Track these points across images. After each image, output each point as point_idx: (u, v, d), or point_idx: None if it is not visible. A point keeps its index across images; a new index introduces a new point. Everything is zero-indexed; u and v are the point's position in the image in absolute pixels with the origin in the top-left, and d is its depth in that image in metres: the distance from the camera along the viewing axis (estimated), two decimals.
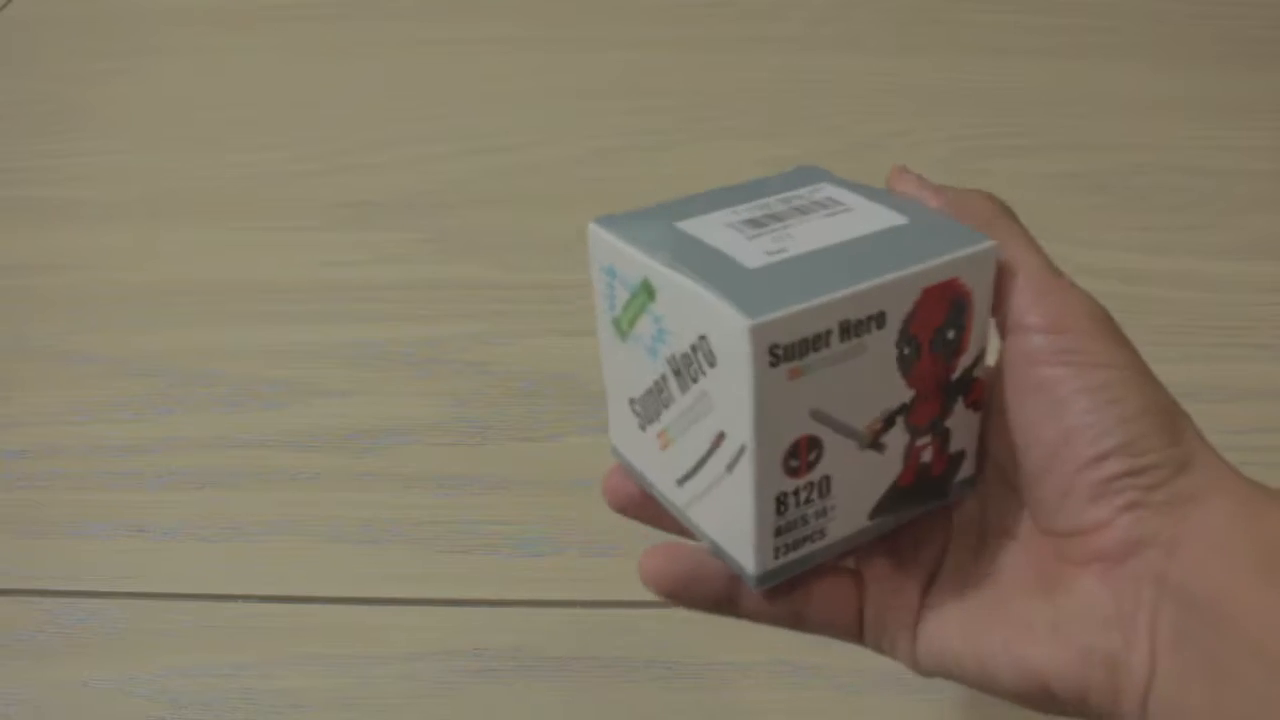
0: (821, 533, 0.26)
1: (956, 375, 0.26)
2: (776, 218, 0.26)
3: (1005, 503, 0.27)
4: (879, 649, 0.28)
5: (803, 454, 0.24)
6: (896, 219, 0.26)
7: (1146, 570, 0.23)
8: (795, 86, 0.76)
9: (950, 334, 0.25)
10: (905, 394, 0.25)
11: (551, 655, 0.44)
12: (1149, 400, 0.24)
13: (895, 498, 0.27)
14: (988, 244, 0.24)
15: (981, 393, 0.26)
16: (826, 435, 0.24)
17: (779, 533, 0.25)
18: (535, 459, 0.51)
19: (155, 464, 0.52)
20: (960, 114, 0.72)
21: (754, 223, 0.26)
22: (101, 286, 0.61)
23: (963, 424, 0.26)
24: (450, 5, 0.87)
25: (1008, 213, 0.27)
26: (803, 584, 0.28)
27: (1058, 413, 0.24)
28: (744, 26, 0.84)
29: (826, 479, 0.25)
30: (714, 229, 0.25)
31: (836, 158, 0.69)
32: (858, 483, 0.26)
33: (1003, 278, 0.25)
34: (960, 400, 0.26)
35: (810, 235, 0.25)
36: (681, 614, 0.45)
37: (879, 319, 0.23)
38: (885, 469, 0.26)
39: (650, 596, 0.46)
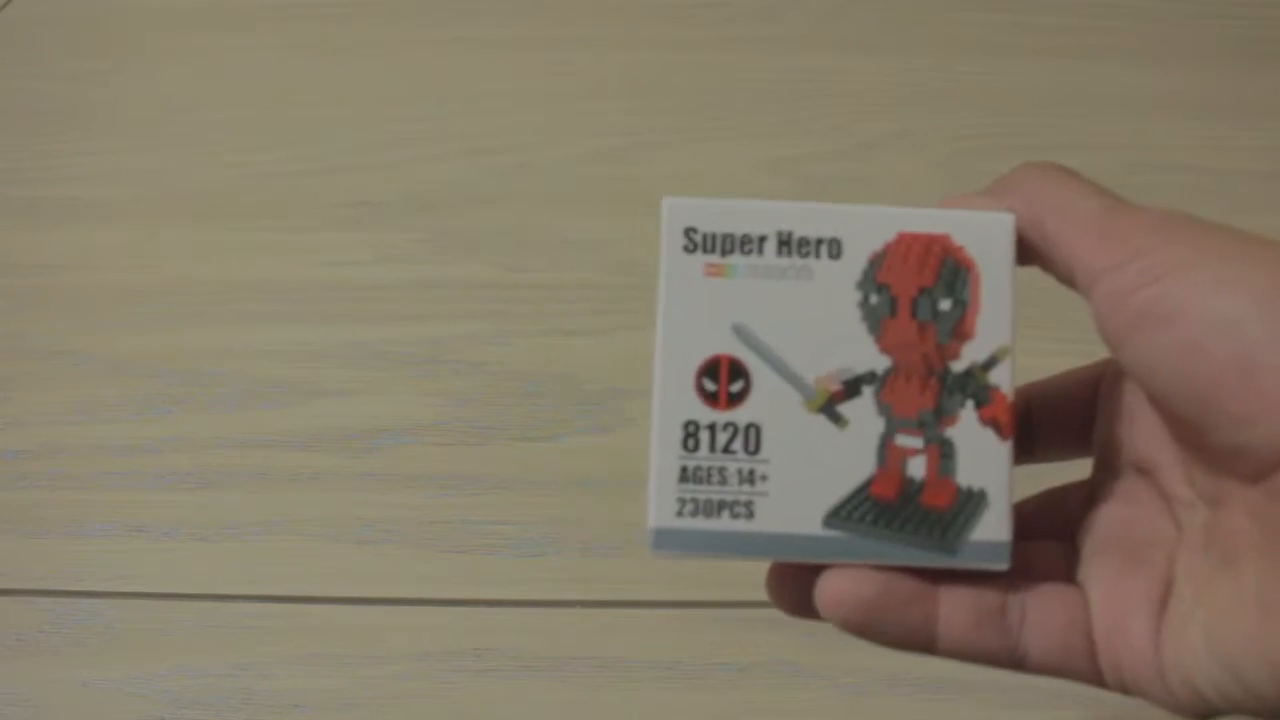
0: (749, 509, 0.22)
1: (961, 366, 0.22)
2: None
3: (1202, 471, 0.22)
4: (1122, 688, 0.23)
5: (722, 378, 0.21)
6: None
7: None
8: (795, 86, 0.76)
9: (945, 304, 0.21)
10: (877, 360, 0.22)
11: (551, 655, 0.44)
12: (1273, 264, 0.19)
13: (865, 509, 0.22)
14: (1008, 216, 0.22)
15: (1008, 415, 0.22)
16: (757, 368, 0.21)
17: (685, 477, 0.22)
18: (535, 459, 0.51)
19: (155, 464, 0.52)
20: (960, 114, 0.72)
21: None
22: (101, 286, 0.61)
23: (980, 449, 0.22)
24: (450, 5, 0.87)
25: (1061, 171, 0.23)
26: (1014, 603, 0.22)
27: (1180, 328, 0.19)
28: (744, 26, 0.84)
29: (756, 429, 0.22)
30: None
31: (836, 158, 0.69)
32: (807, 461, 0.22)
33: (1060, 238, 0.22)
34: (972, 408, 0.22)
35: None
36: (681, 614, 0.45)
37: (832, 246, 0.21)
38: (850, 460, 0.22)
39: (650, 596, 0.46)
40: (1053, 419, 0.27)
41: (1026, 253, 0.23)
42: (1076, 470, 0.27)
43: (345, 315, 0.59)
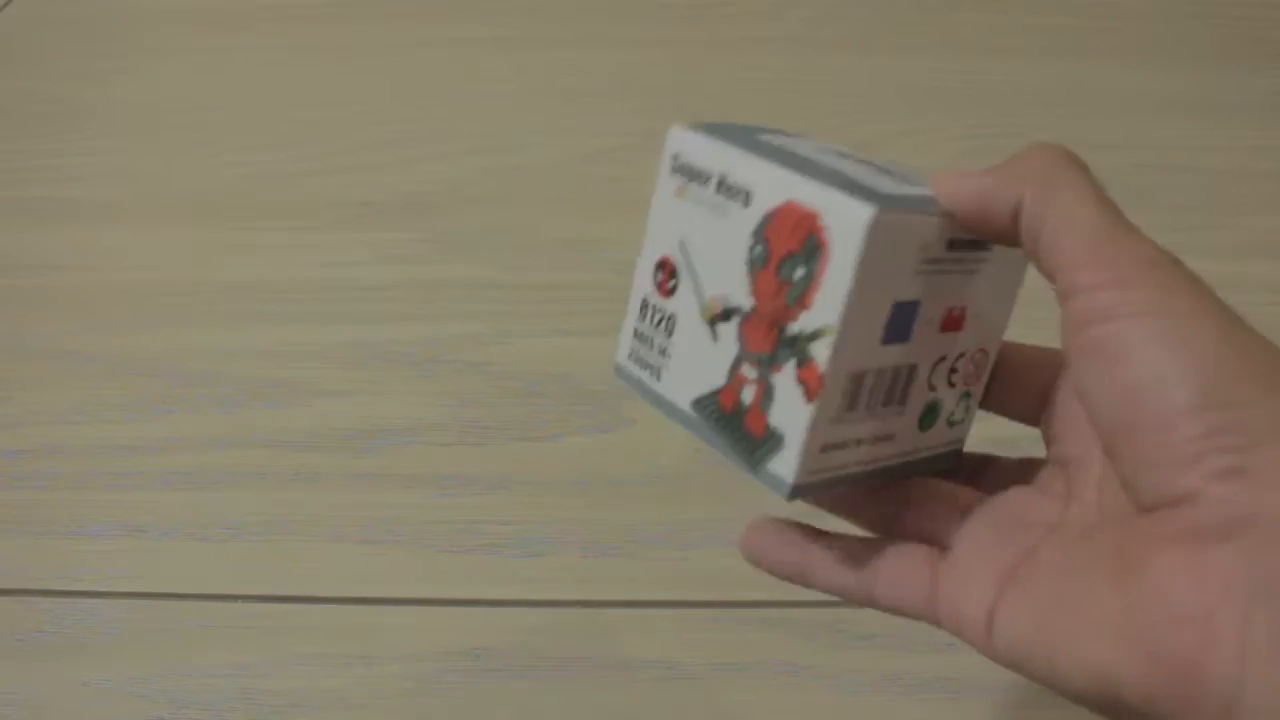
0: (658, 374, 0.28)
1: (794, 329, 0.24)
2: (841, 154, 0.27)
3: (1110, 484, 0.25)
4: (954, 630, 0.26)
5: (665, 273, 0.27)
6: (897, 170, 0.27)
7: (1240, 557, 0.19)
8: (795, 86, 0.76)
9: (799, 271, 0.24)
10: (746, 298, 0.25)
11: (551, 655, 0.44)
12: (1233, 341, 0.20)
13: (713, 409, 0.26)
14: (869, 211, 0.23)
15: (816, 383, 0.24)
16: (683, 274, 0.26)
17: (636, 335, 0.28)
18: (535, 459, 0.51)
19: (155, 464, 0.52)
20: (960, 114, 0.72)
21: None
22: (101, 286, 0.61)
23: (790, 401, 0.25)
24: (450, 5, 0.87)
25: (1072, 166, 0.24)
26: (874, 556, 0.27)
27: (1118, 369, 0.21)
28: (744, 26, 0.84)
29: (673, 319, 0.27)
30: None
31: None
32: (691, 356, 0.27)
33: (1055, 242, 0.23)
34: (793, 366, 0.25)
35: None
36: (681, 614, 0.45)
37: (745, 197, 0.25)
38: (713, 368, 0.26)
39: (650, 596, 0.46)
40: (1009, 381, 0.29)
41: (1024, 243, 0.25)
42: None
43: (345, 315, 0.59)
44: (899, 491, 0.29)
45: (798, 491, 0.25)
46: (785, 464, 0.25)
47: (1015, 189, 0.24)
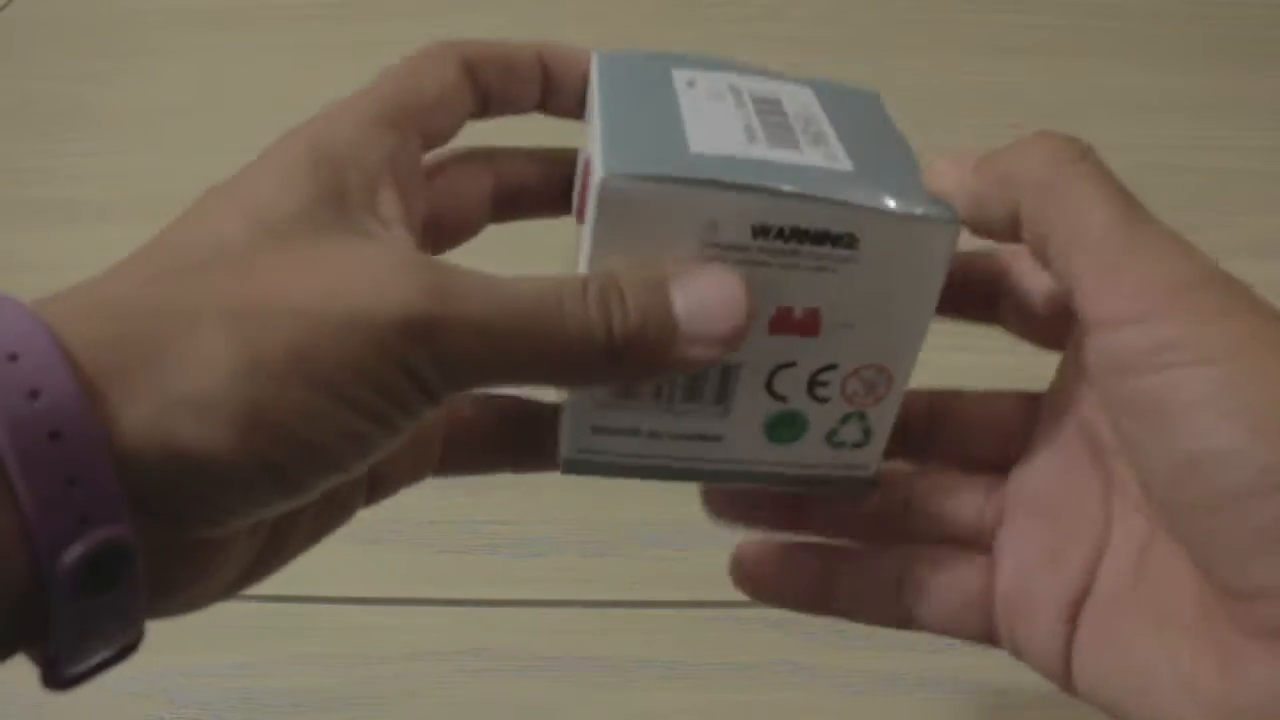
0: None
1: None
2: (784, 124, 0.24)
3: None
4: (1022, 659, 0.23)
5: None
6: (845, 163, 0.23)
7: None
8: None
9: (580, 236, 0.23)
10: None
11: (551, 655, 0.44)
12: None
13: None
14: (600, 174, 0.21)
15: None
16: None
17: None
18: None
19: None
20: (960, 114, 0.72)
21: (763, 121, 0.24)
22: None
23: None
24: (450, 5, 0.87)
25: (1076, 159, 0.21)
26: (907, 570, 0.25)
27: (1168, 438, 0.18)
28: (744, 26, 0.84)
29: None
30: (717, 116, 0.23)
31: None
32: None
33: (1065, 259, 0.20)
34: None
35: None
36: (681, 614, 0.45)
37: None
38: None
39: (650, 596, 0.46)
40: (969, 436, 0.26)
41: (1034, 256, 0.22)
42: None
43: None
44: (898, 493, 0.26)
45: (570, 467, 0.25)
46: (561, 439, 0.25)
47: (1009, 193, 0.21)
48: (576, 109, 0.26)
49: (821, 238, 0.21)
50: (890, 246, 0.22)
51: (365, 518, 0.49)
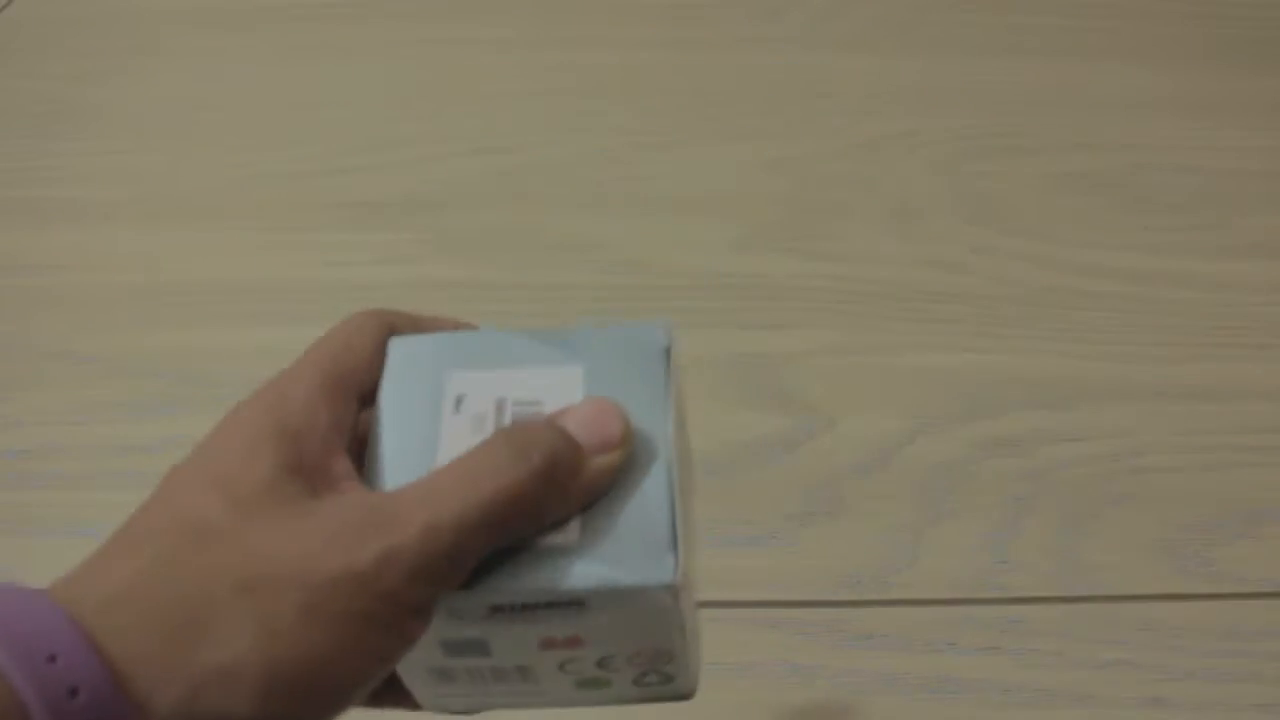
0: None
1: None
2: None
3: None
4: None
5: None
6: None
7: None
8: (795, 86, 0.76)
9: None
10: None
11: None
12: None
13: None
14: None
15: None
16: None
17: None
18: None
19: (155, 464, 0.51)
20: (960, 114, 0.72)
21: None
22: (101, 286, 0.61)
23: None
24: (450, 5, 0.87)
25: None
26: None
27: None
28: (744, 26, 0.84)
29: None
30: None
31: (836, 158, 0.69)
32: None
33: None
34: None
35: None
36: None
37: None
38: None
39: None
40: None
41: None
42: None
43: (345, 315, 0.59)
44: None
45: (432, 709, 0.27)
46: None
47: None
48: None
49: (551, 606, 0.24)
50: (617, 602, 0.24)
51: None
